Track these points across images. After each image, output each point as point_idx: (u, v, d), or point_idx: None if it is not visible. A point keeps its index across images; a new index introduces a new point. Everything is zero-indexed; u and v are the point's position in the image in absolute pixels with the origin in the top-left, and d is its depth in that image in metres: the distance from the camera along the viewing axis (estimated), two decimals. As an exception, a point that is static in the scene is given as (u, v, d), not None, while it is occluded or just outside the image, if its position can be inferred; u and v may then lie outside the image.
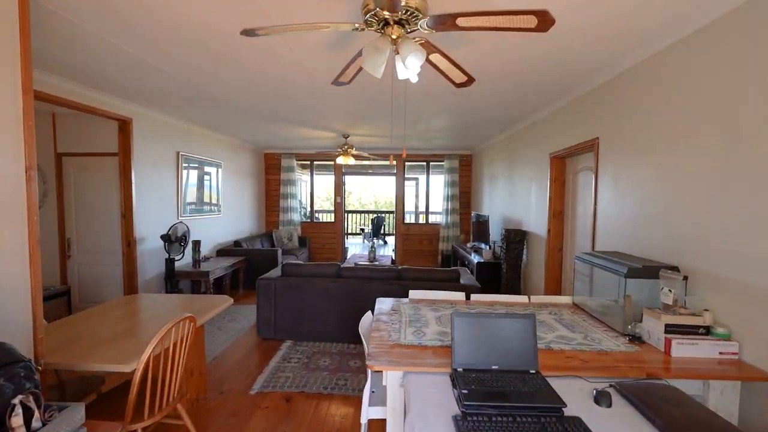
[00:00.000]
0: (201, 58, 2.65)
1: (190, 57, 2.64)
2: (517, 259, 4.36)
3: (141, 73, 2.94)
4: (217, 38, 2.30)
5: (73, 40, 2.36)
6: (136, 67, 2.82)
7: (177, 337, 1.92)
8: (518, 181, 4.71)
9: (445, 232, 7.41)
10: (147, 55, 2.61)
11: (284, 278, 3.66)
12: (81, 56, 2.65)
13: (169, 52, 2.56)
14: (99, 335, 1.95)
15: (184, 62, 2.74)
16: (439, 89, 3.25)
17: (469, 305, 2.43)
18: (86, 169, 4.09)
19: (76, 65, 2.82)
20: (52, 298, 3.49)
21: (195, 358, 2.55)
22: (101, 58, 2.67)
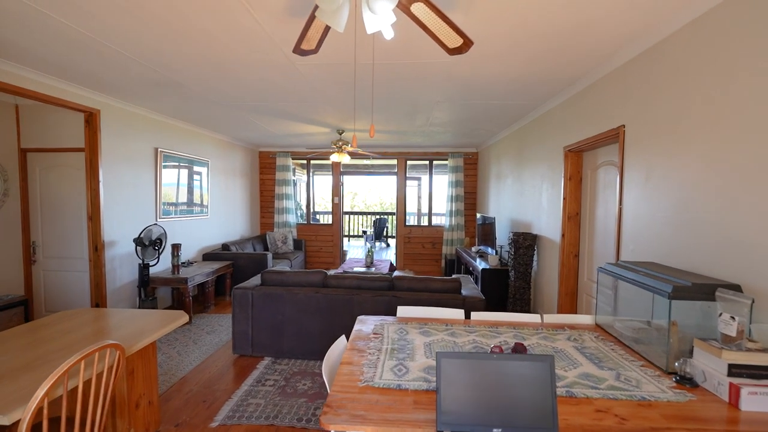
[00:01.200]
0: (159, 37, 2.27)
1: (148, 37, 2.27)
2: (527, 266, 3.90)
3: (96, 55, 2.57)
4: (176, 14, 1.92)
5: (17, 19, 2.00)
6: (90, 48, 2.46)
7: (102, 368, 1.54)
8: (528, 179, 4.26)
9: (449, 235, 6.96)
10: (100, 34, 2.25)
11: (263, 287, 3.26)
12: (29, 38, 2.29)
13: (125, 31, 2.19)
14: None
15: (142, 43, 2.37)
16: (434, 71, 2.83)
17: (468, 326, 2.00)
18: (54, 166, 3.75)
19: (27, 48, 2.47)
20: (5, 308, 3.13)
21: (143, 386, 2.16)
22: (49, 39, 2.32)
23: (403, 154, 7.09)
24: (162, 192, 4.45)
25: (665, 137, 2.06)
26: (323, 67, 2.72)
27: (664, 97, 2.07)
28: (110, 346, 1.54)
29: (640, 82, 2.27)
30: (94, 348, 1.45)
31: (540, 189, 3.89)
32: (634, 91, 2.34)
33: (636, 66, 2.32)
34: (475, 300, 3.05)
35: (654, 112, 2.15)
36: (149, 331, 2.00)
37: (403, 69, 2.75)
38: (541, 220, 3.85)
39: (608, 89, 2.63)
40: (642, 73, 2.27)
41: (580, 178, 3.26)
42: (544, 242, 3.77)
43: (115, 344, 1.57)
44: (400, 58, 2.55)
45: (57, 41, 2.36)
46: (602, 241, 2.90)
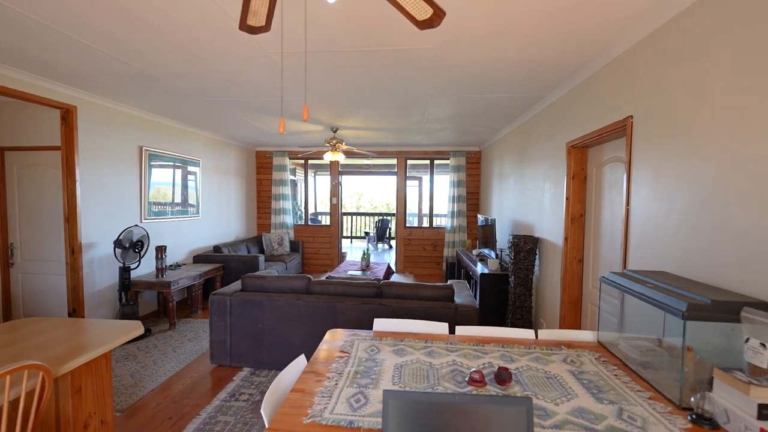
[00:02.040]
0: (124, 28, 2.10)
1: (111, 28, 2.11)
2: (528, 271, 3.63)
3: (65, 47, 2.41)
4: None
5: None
6: (57, 40, 2.31)
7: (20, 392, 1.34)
8: (530, 179, 3.99)
9: (451, 237, 6.70)
10: (65, 25, 2.09)
11: (242, 293, 3.06)
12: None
13: (91, 22, 2.02)
14: None
15: (108, 35, 2.21)
16: (421, 58, 2.59)
17: (450, 343, 1.76)
18: (32, 165, 3.61)
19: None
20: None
21: (93, 404, 1.96)
22: (14, 31, 2.17)
23: (403, 153, 6.86)
24: (148, 192, 4.29)
25: (679, 129, 1.79)
26: (298, 56, 2.50)
27: (678, 82, 1.81)
28: (30, 367, 1.35)
29: (651, 66, 2.01)
30: (4, 371, 1.25)
31: (542, 189, 3.62)
32: (643, 77, 2.07)
33: (646, 47, 2.06)
34: (469, 309, 2.80)
35: (666, 100, 1.88)
36: (95, 345, 1.81)
37: (387, 56, 2.52)
38: (543, 222, 3.58)
39: (614, 76, 2.36)
40: (652, 55, 2.00)
41: (584, 176, 2.99)
42: (546, 246, 3.50)
43: (37, 365, 1.37)
44: (382, 43, 2.32)
45: (23, 34, 2.22)
46: (609, 246, 2.63)
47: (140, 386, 2.78)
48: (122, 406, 2.52)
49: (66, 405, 1.84)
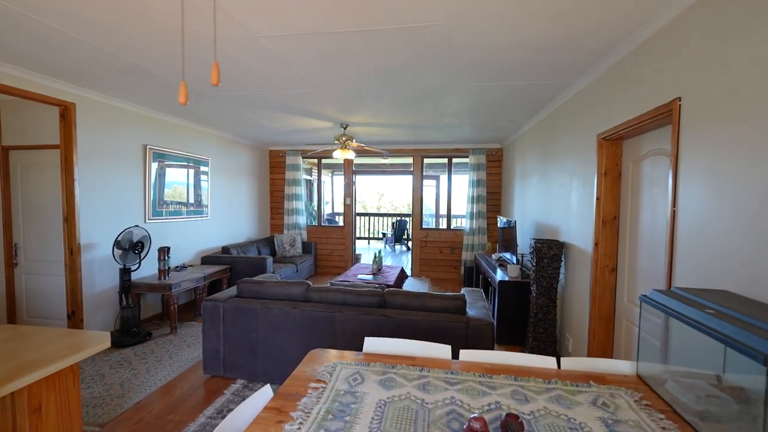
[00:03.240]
0: (111, 19, 1.94)
1: (99, 19, 1.96)
2: (552, 280, 3.25)
3: (56, 41, 2.30)
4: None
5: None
6: (48, 34, 2.22)
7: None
8: (554, 176, 3.60)
9: (470, 240, 6.33)
10: (54, 19, 2.00)
11: (236, 300, 2.86)
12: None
13: (77, 14, 1.88)
14: None
15: (99, 27, 2.07)
16: (428, 39, 2.29)
17: (452, 372, 1.45)
18: (34, 164, 3.57)
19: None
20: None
21: (57, 424, 1.78)
22: (11, 27, 2.10)
23: (420, 151, 6.54)
24: (152, 192, 4.20)
25: (747, 111, 1.41)
26: (289, 41, 2.26)
27: (745, 52, 1.43)
28: (-52, 392, 1.16)
29: (707, 35, 1.63)
30: None
31: (568, 188, 3.23)
32: (695, 50, 1.69)
33: (700, 12, 1.68)
34: (482, 324, 2.47)
35: (728, 76, 1.50)
36: (54, 358, 1.63)
37: (389, 38, 2.24)
38: (569, 225, 3.19)
39: (656, 52, 1.98)
40: (710, 21, 1.62)
41: (618, 172, 2.59)
42: (572, 252, 3.11)
43: (-41, 390, 1.18)
44: (381, 21, 2.04)
45: (15, 29, 2.14)
46: (649, 254, 2.24)
47: (127, 397, 2.62)
48: (103, 419, 2.35)
49: (23, 425, 1.67)
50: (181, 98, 0.80)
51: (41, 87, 3.02)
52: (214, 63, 0.81)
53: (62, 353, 1.70)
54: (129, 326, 3.56)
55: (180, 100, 0.81)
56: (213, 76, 0.81)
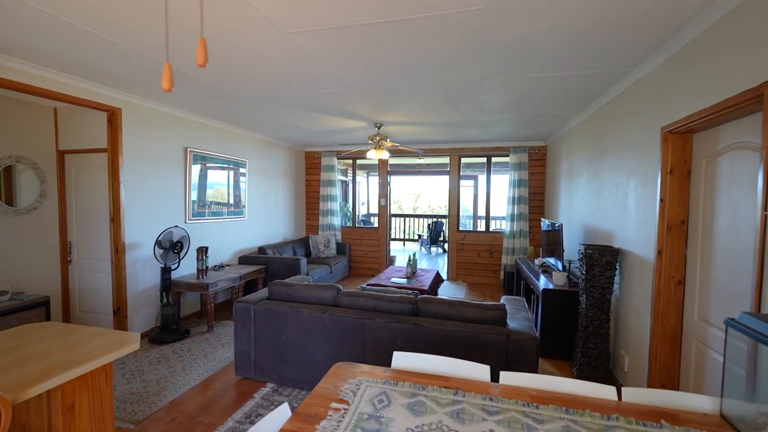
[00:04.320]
0: (147, 25, 1.98)
1: (138, 27, 2.00)
2: (604, 290, 2.93)
3: (105, 48, 2.39)
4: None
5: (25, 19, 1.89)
6: (94, 43, 2.32)
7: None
8: (608, 176, 3.26)
9: (510, 243, 5.99)
10: (99, 28, 2.10)
11: (266, 302, 2.83)
12: (41, 37, 2.25)
13: (118, 22, 1.93)
14: None
15: (136, 33, 2.14)
16: (463, 28, 2.11)
17: (491, 398, 1.28)
18: (86, 167, 3.77)
19: (40, 48, 2.43)
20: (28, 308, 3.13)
21: (90, 422, 1.80)
22: (60, 37, 2.25)
23: (456, 151, 6.30)
24: (192, 193, 4.32)
25: None
26: (318, 36, 2.17)
27: None
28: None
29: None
30: (-67, 402, 1.07)
31: (625, 188, 2.90)
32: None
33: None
34: (525, 338, 2.25)
35: None
36: (87, 358, 1.63)
37: (423, 28, 2.09)
38: (626, 230, 2.86)
39: (741, 26, 1.68)
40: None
41: (687, 170, 2.26)
42: (630, 260, 2.78)
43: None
44: (416, 9, 1.89)
45: (68, 40, 2.29)
46: (727, 266, 1.91)
47: (163, 394, 2.67)
48: (138, 417, 2.39)
49: (57, 424, 1.71)
50: (164, 83, 0.71)
51: (91, 93, 3.17)
52: (200, 39, 0.71)
53: (95, 353, 1.71)
54: (169, 324, 3.67)
55: (163, 85, 0.72)
56: (199, 54, 0.71)
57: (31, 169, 3.60)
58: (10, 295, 3.18)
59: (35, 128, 3.63)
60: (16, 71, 2.66)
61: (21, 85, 2.70)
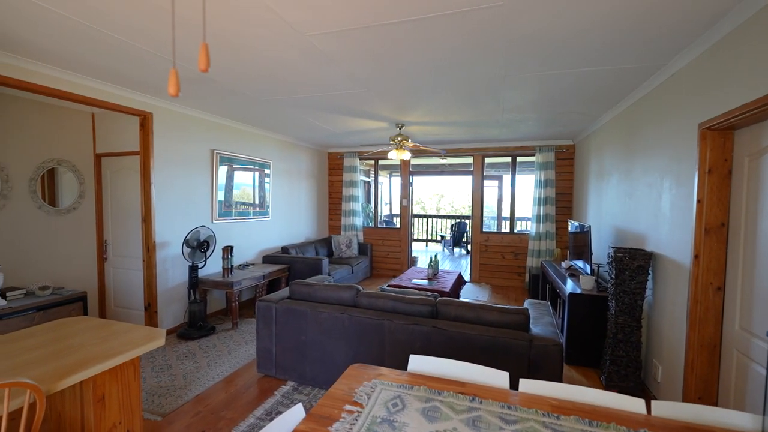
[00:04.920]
0: (176, 34, 2.06)
1: (167, 36, 2.09)
2: (635, 296, 2.79)
3: (136, 56, 2.50)
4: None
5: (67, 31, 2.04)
6: (128, 52, 2.44)
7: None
8: (640, 176, 3.10)
9: (536, 245, 5.83)
10: (133, 38, 2.21)
11: (287, 301, 2.87)
12: (82, 48, 2.40)
13: (149, 31, 2.02)
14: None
15: (165, 42, 2.23)
16: (482, 26, 2.06)
17: (509, 406, 1.23)
18: (120, 169, 3.96)
19: (80, 57, 2.58)
20: (66, 303, 3.32)
21: (119, 413, 1.89)
22: (98, 47, 2.39)
23: (480, 150, 6.19)
24: (219, 194, 4.46)
25: None
26: (338, 37, 2.18)
27: None
28: (12, 384, 1.23)
29: None
30: (-25, 390, 1.14)
31: (658, 188, 2.75)
32: None
33: None
34: (548, 344, 2.17)
35: None
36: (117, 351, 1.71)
37: (442, 26, 2.06)
38: (659, 233, 2.71)
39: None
40: None
41: (728, 170, 2.12)
42: (663, 264, 2.64)
43: (23, 383, 1.25)
44: (433, 7, 1.87)
45: (105, 50, 2.42)
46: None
47: (189, 389, 2.76)
48: (165, 410, 2.48)
49: (89, 414, 1.79)
50: (171, 89, 0.73)
51: (125, 99, 3.33)
52: (203, 44, 0.72)
53: (124, 348, 1.79)
54: (196, 320, 3.79)
55: (169, 91, 0.74)
56: (201, 59, 0.72)
57: (71, 171, 3.82)
58: (52, 290, 3.38)
59: (75, 133, 3.85)
60: (57, 79, 2.82)
61: (62, 93, 2.87)
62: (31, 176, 3.50)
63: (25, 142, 3.46)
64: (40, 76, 2.72)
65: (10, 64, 2.56)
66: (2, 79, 2.53)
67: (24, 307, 3.05)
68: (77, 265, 3.88)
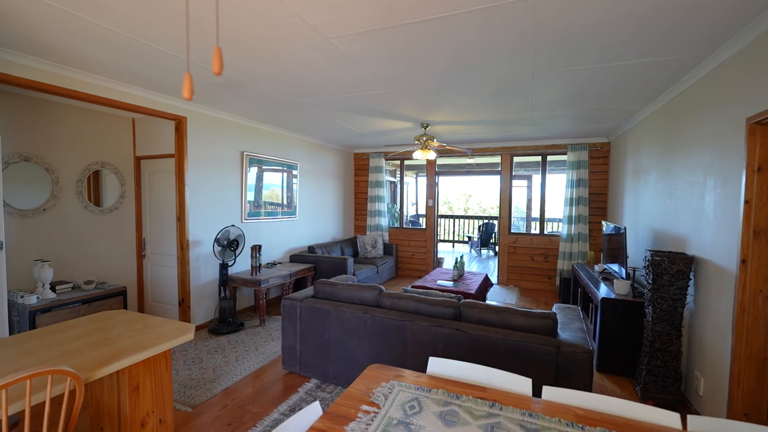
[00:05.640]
0: (201, 39, 2.13)
1: (195, 41, 2.17)
2: (675, 302, 2.62)
3: (171, 64, 2.64)
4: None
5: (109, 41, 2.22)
6: (164, 60, 2.58)
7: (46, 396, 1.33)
8: (681, 174, 2.91)
9: (567, 247, 5.61)
10: (167, 45, 2.34)
11: (311, 300, 2.91)
12: (123, 57, 2.56)
13: (169, 32, 2.11)
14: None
15: (194, 48, 2.32)
16: (505, 22, 2.00)
17: (530, 414, 1.19)
18: (157, 171, 4.17)
19: (120, 66, 2.75)
20: (108, 297, 3.54)
21: (152, 403, 1.98)
22: (138, 56, 2.54)
23: (508, 149, 6.03)
24: (248, 194, 4.60)
25: None
26: (361, 38, 2.19)
27: None
28: (54, 372, 1.33)
29: None
30: (21, 376, 1.23)
31: (701, 188, 2.57)
32: None
33: None
34: (577, 350, 2.08)
35: None
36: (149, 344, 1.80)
37: (463, 23, 2.02)
38: (702, 235, 2.53)
39: None
40: None
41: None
42: (706, 269, 2.46)
43: (63, 371, 1.34)
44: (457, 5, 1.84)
45: (145, 59, 2.57)
46: (832, 280, 1.61)
47: (218, 382, 2.86)
48: (195, 401, 2.59)
49: (124, 402, 1.90)
50: (185, 92, 0.75)
51: (161, 104, 3.50)
52: (216, 48, 0.73)
53: (156, 340, 1.87)
54: (226, 316, 3.93)
55: (184, 94, 0.76)
56: (214, 63, 0.74)
57: (114, 173, 4.06)
58: (95, 285, 3.61)
59: (117, 137, 4.09)
60: (102, 88, 3.01)
61: (107, 100, 3.06)
62: (78, 178, 3.75)
63: (73, 146, 3.71)
64: (87, 85, 2.91)
65: (62, 74, 2.75)
66: (55, 89, 2.74)
67: (71, 299, 3.28)
68: (118, 262, 4.12)
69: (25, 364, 1.53)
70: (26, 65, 2.57)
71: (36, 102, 3.42)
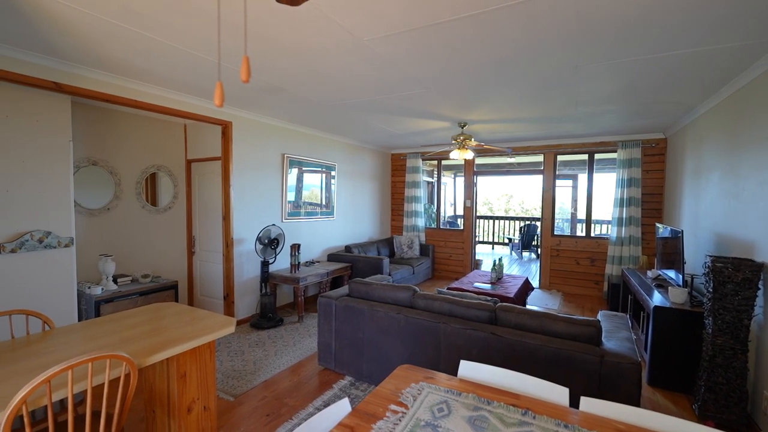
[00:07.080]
0: (229, 40, 2.25)
1: (218, 41, 2.28)
2: (740, 314, 2.37)
3: (210, 71, 2.80)
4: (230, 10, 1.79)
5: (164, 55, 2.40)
6: (207, 68, 2.74)
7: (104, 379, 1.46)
8: (749, 173, 2.63)
9: (616, 251, 5.27)
10: (214, 55, 2.45)
11: (346, 299, 2.97)
12: (177, 69, 2.78)
13: (208, 38, 2.25)
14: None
15: (224, 50, 2.42)
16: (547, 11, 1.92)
17: (565, 425, 1.14)
18: (205, 173, 4.44)
19: (174, 77, 2.97)
20: (161, 290, 3.82)
21: (197, 390, 2.12)
22: (191, 67, 2.73)
23: (551, 148, 5.77)
24: (289, 194, 4.77)
25: None
26: (395, 40, 2.20)
27: None
28: (112, 356, 1.45)
29: None
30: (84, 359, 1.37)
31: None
32: None
33: None
34: (622, 361, 1.95)
35: None
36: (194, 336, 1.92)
37: (500, 19, 1.96)
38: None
39: None
40: None
41: None
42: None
43: (119, 356, 1.47)
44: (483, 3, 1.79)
45: (198, 70, 2.75)
46: None
47: (258, 374, 2.99)
48: (237, 391, 2.73)
49: (173, 388, 2.04)
50: (216, 100, 0.79)
51: (209, 110, 3.73)
52: (244, 57, 0.77)
53: (201, 332, 2.00)
54: (266, 312, 4.11)
55: (215, 102, 0.80)
56: (243, 71, 0.78)
57: (168, 175, 4.38)
58: (151, 278, 3.92)
59: (171, 142, 4.41)
60: (159, 97, 3.26)
61: (163, 108, 3.31)
62: (137, 180, 4.09)
63: (133, 151, 4.05)
64: (146, 95, 3.17)
65: (126, 86, 3.02)
66: (121, 99, 3.00)
67: (130, 291, 3.58)
68: (171, 257, 4.44)
69: (88, 348, 1.70)
70: (97, 79, 2.84)
71: (102, 111, 3.77)
